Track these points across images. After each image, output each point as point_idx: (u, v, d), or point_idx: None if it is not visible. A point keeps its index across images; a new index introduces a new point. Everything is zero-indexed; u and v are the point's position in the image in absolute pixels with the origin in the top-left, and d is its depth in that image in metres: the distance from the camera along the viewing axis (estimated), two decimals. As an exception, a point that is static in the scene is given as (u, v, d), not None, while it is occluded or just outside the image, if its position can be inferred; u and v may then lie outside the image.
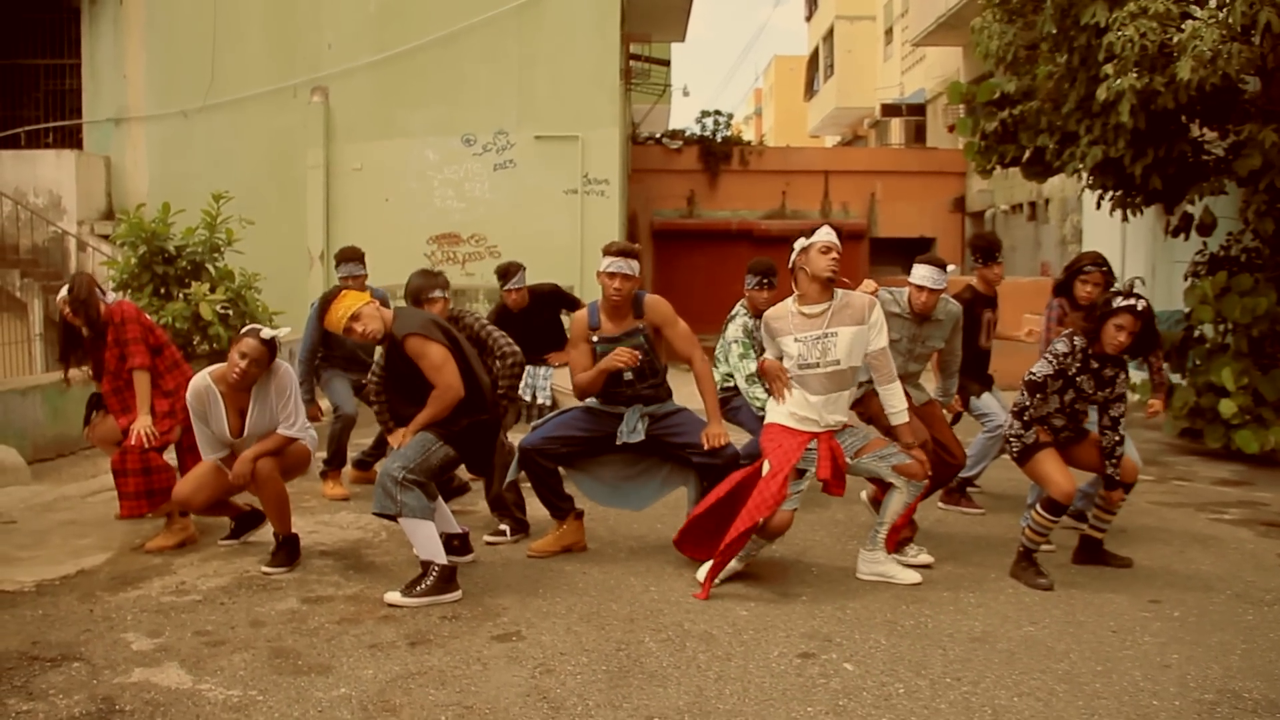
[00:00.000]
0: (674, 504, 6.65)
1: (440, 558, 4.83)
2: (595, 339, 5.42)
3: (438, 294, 6.14)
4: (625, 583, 5.13)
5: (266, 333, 5.30)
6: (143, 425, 5.67)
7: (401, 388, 5.09)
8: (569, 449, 5.54)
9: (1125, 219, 9.70)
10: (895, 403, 5.19)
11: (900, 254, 21.50)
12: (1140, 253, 12.21)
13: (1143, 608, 4.88)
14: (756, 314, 6.55)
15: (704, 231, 21.19)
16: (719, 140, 22.98)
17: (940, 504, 6.81)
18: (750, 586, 5.07)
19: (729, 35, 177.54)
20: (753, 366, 6.44)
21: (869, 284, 5.58)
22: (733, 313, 6.71)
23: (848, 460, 5.13)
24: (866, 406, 5.84)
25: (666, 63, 24.25)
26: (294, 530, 5.40)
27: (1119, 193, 9.51)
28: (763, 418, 6.85)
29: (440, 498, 5.29)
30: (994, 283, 6.71)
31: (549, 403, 7.59)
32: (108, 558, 5.46)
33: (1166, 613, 4.82)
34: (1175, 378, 9.85)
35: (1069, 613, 4.79)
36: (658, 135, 23.52)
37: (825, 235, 5.05)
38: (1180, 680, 4.01)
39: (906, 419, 5.23)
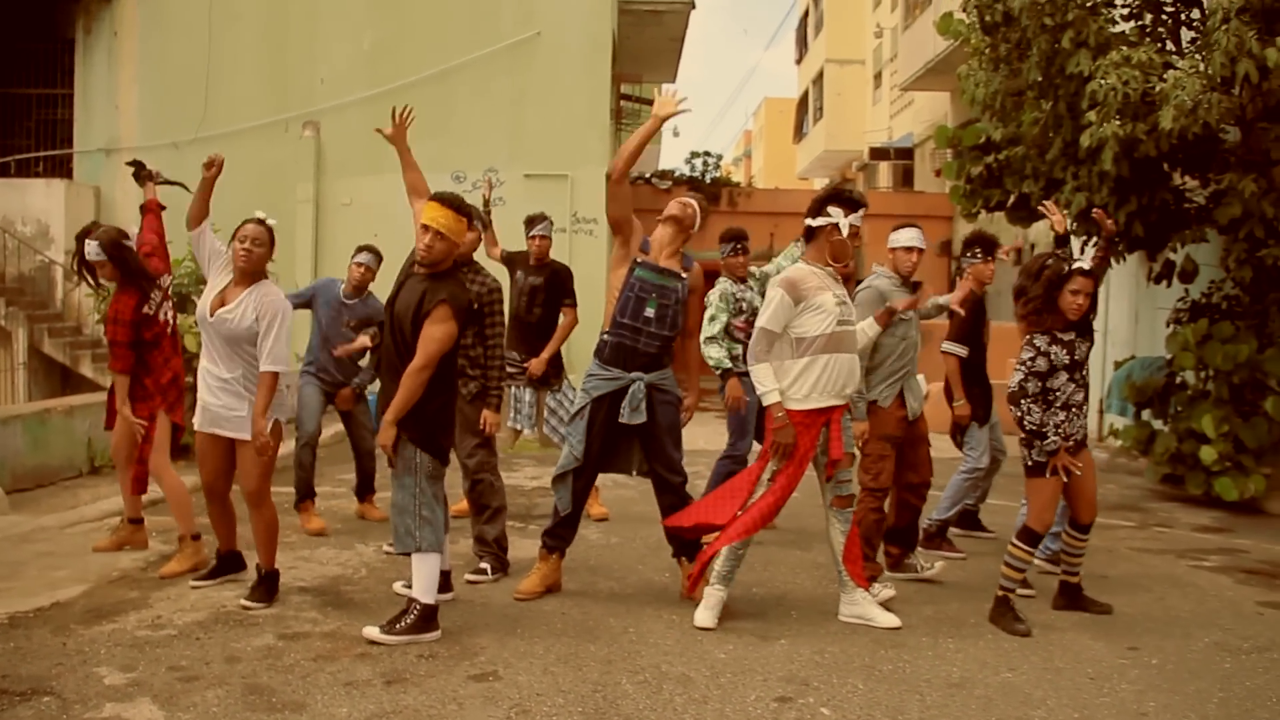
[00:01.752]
0: (655, 545, 6.65)
1: (427, 597, 4.80)
2: (639, 260, 5.44)
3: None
4: (604, 624, 5.11)
5: (260, 214, 5.46)
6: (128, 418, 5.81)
7: (394, 339, 4.94)
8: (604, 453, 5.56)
9: (1108, 265, 9.76)
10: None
11: (887, 296, 21.55)
12: (1124, 299, 12.30)
13: (1121, 655, 4.88)
14: (738, 280, 6.88)
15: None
16: (708, 181, 23.09)
17: (921, 548, 6.80)
18: (729, 629, 5.06)
19: (719, 77, 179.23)
20: (717, 328, 6.78)
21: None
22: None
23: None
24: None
25: (657, 103, 24.42)
26: (276, 566, 5.36)
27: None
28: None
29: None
30: (987, 281, 6.78)
31: (529, 431, 7.55)
32: (83, 590, 5.41)
33: (1144, 660, 4.82)
34: (1158, 424, 9.89)
35: (1047, 659, 4.78)
36: (647, 175, 23.64)
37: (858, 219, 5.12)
38: (1157, 729, 4.01)
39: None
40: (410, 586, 5.07)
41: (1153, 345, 11.18)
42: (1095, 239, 6.04)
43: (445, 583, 5.38)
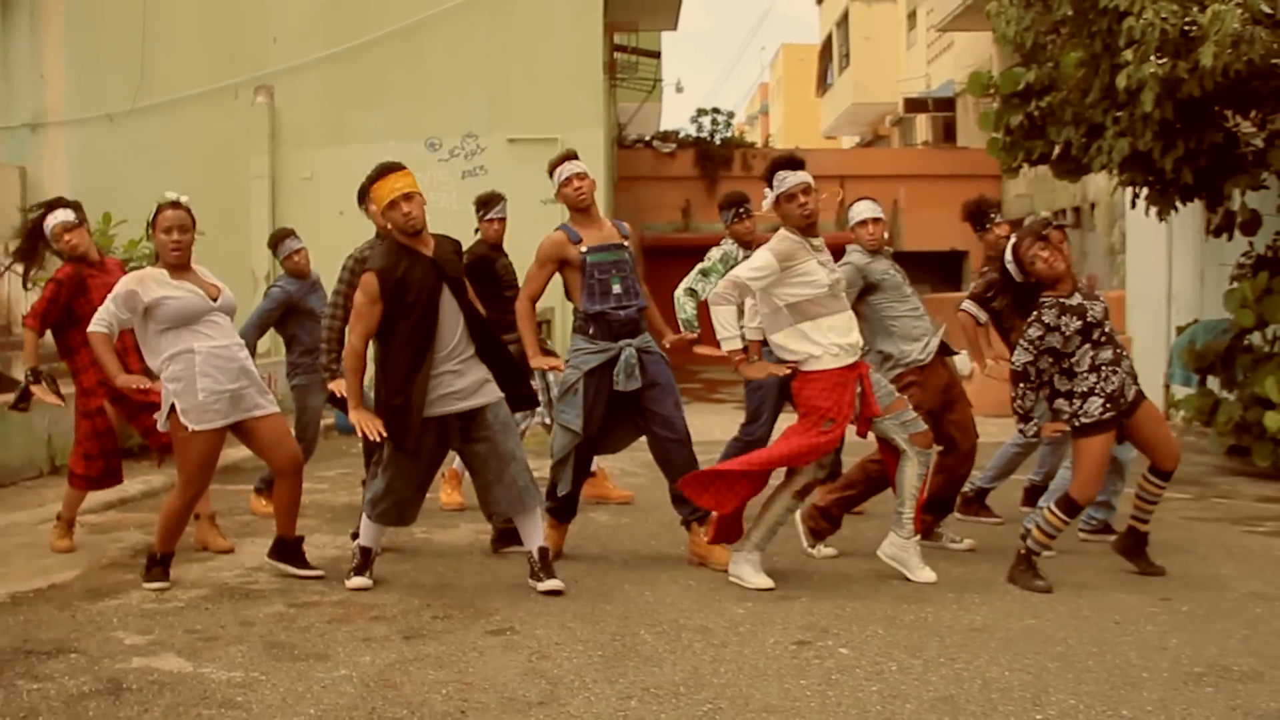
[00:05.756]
0: (669, 523, 7.51)
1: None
2: (584, 249, 6.41)
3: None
4: (619, 588, 6.00)
5: (172, 196, 6.22)
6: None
7: (468, 310, 5.97)
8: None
9: (1161, 218, 10.58)
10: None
11: (929, 270, 22.38)
12: (1188, 257, 13.13)
13: (1151, 604, 5.72)
14: (743, 244, 7.79)
15: (702, 247, 21.98)
16: (718, 143, 23.91)
17: (959, 514, 7.64)
18: (748, 588, 5.93)
19: (728, 22, 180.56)
20: (699, 282, 7.82)
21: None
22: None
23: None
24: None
25: (657, 54, 25.12)
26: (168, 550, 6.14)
27: (1154, 189, 10.39)
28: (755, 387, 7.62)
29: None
30: (999, 249, 7.60)
31: (534, 422, 8.38)
32: (77, 574, 6.31)
33: (1175, 607, 5.67)
34: (1224, 394, 10.69)
35: (1074, 609, 5.63)
36: (648, 138, 24.46)
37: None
38: (1174, 659, 4.86)
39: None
40: None
41: (1220, 307, 11.99)
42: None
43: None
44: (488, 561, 6.61)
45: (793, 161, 6.12)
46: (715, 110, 24.99)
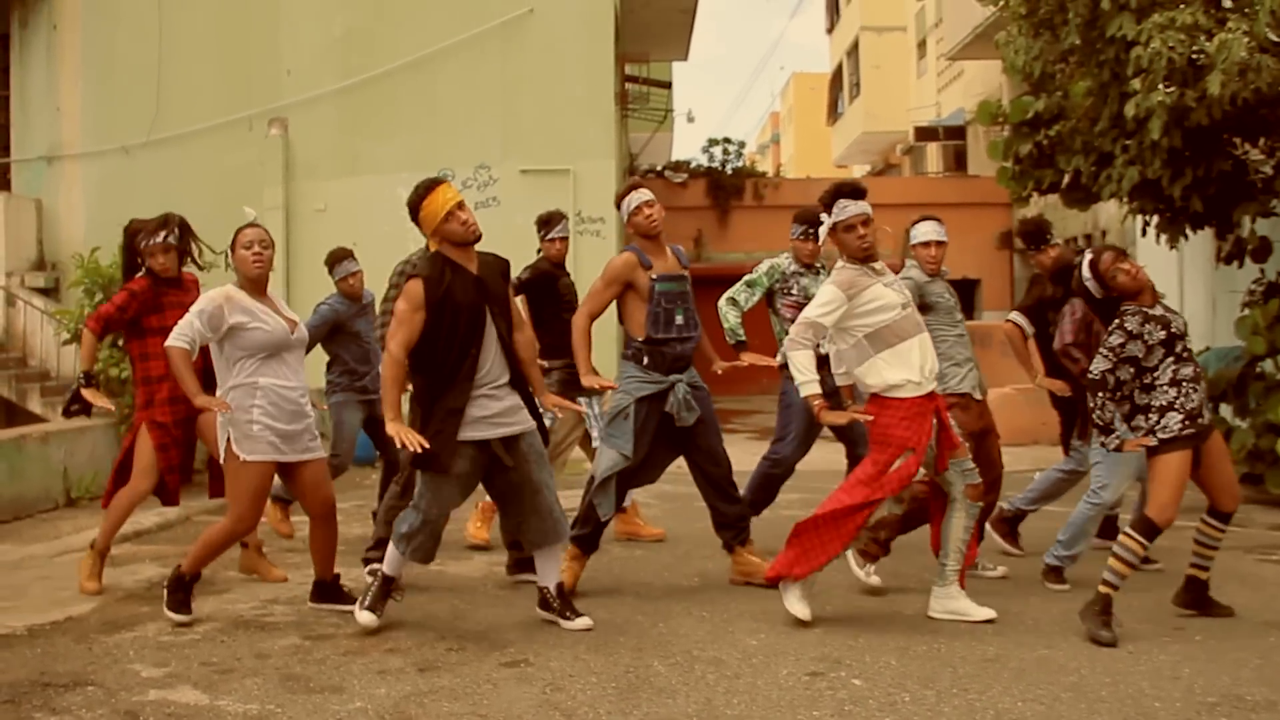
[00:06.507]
0: (682, 555, 7.57)
1: None
2: (654, 276, 6.46)
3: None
4: (632, 620, 6.02)
5: (252, 214, 6.34)
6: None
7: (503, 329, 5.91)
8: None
9: (1172, 246, 10.62)
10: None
11: (940, 297, 22.39)
12: (1199, 284, 13.16)
13: (1164, 633, 5.74)
14: (804, 265, 7.60)
15: (714, 277, 21.98)
16: (729, 172, 23.97)
17: (988, 526, 7.53)
18: (760, 620, 5.97)
19: (739, 52, 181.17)
20: (745, 295, 7.52)
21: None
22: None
23: None
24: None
25: (668, 85, 25.28)
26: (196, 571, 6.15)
27: (1164, 217, 10.43)
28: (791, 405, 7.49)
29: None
30: (1050, 269, 7.59)
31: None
32: (94, 606, 6.36)
33: (1188, 637, 5.69)
34: (1237, 421, 10.71)
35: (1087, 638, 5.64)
36: (659, 167, 24.54)
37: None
38: (1187, 688, 4.87)
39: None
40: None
41: (1231, 334, 11.99)
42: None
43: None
44: (501, 594, 6.65)
45: (855, 190, 6.02)
46: (726, 140, 25.03)
